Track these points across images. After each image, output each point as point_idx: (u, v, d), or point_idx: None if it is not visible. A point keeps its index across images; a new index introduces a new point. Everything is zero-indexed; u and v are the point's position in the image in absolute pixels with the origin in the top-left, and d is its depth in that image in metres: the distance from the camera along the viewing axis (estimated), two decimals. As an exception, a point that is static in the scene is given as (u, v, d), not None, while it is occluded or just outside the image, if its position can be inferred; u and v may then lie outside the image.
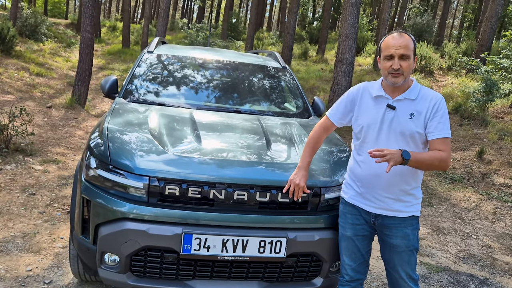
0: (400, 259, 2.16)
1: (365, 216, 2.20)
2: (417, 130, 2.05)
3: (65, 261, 3.15)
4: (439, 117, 2.04)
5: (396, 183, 2.09)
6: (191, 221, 2.19)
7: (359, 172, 2.18)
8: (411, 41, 2.04)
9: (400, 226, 2.13)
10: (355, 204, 2.22)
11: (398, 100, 2.10)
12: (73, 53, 15.97)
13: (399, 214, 2.12)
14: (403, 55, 2.02)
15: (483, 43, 13.58)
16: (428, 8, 32.11)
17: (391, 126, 2.08)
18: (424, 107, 2.06)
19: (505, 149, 6.82)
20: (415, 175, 2.13)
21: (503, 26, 23.42)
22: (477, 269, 3.81)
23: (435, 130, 2.03)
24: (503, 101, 9.22)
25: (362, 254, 2.25)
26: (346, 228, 2.25)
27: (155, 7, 38.31)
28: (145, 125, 2.69)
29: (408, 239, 2.13)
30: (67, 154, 5.74)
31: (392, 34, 2.09)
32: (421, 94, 2.10)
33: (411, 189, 2.13)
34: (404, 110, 2.08)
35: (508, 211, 5.19)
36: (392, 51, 2.03)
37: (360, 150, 2.20)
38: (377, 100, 2.14)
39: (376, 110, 2.13)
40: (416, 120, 2.06)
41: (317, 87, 12.56)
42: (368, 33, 20.30)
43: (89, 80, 8.54)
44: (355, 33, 8.83)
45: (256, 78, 3.93)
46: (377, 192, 2.13)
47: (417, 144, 2.08)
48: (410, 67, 2.04)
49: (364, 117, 2.17)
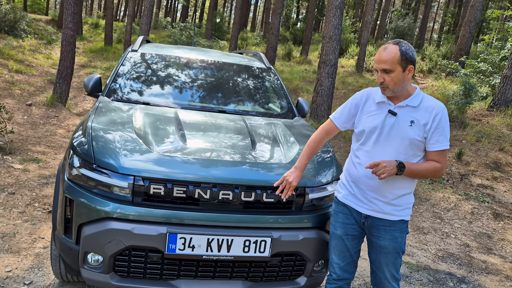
0: (386, 260, 2.20)
1: (355, 216, 2.23)
2: (416, 138, 2.07)
3: (46, 262, 3.10)
4: (441, 129, 2.07)
5: (389, 187, 2.12)
6: (176, 221, 2.19)
7: (354, 173, 2.21)
8: (398, 53, 2.02)
9: (389, 229, 2.16)
10: (347, 204, 2.25)
11: (400, 107, 2.12)
12: (54, 50, 15.67)
13: (389, 217, 2.16)
14: (385, 70, 2.04)
15: (462, 47, 13.91)
16: (409, 12, 32.65)
17: (391, 131, 2.11)
18: (425, 116, 2.08)
19: (482, 150, 7.00)
20: (409, 182, 2.16)
21: (481, 31, 24.00)
22: (456, 268, 3.90)
23: (436, 142, 2.07)
24: (481, 103, 9.45)
25: (350, 254, 2.28)
26: (336, 226, 2.29)
27: (139, 5, 37.90)
28: (129, 124, 2.67)
29: (396, 241, 2.17)
30: (48, 153, 5.64)
31: (382, 46, 2.10)
32: (423, 102, 2.11)
33: (403, 195, 2.16)
34: (405, 117, 2.10)
35: (485, 211, 5.33)
36: (375, 66, 2.09)
37: (358, 152, 2.22)
38: (380, 106, 2.17)
39: (377, 115, 2.16)
40: (416, 128, 2.08)
41: (301, 87, 12.64)
42: (351, 35, 20.52)
43: (71, 78, 8.40)
44: (338, 35, 8.92)
45: (241, 78, 3.95)
46: (369, 193, 2.16)
47: (415, 151, 2.11)
48: (394, 80, 2.04)
49: (366, 121, 2.19)
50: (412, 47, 2.12)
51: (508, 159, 6.72)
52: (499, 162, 6.60)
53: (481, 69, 10.49)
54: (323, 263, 2.50)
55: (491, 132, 7.69)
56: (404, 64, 2.03)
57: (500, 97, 8.71)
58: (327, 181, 2.51)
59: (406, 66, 2.04)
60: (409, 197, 2.20)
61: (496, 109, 8.66)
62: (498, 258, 4.21)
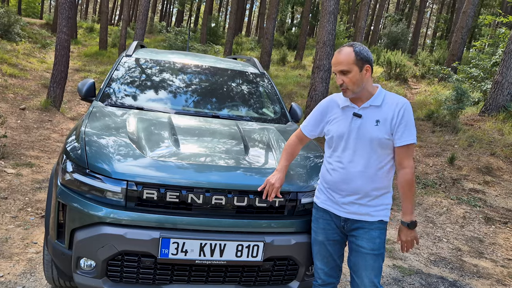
0: (364, 262, 2.17)
1: (335, 221, 2.24)
2: (384, 136, 2.09)
3: (38, 267, 3.09)
4: (404, 123, 2.08)
5: (364, 188, 2.14)
6: (169, 226, 2.20)
7: (329, 179, 2.24)
8: (353, 53, 2.07)
9: (368, 229, 2.17)
10: (326, 209, 2.27)
11: (364, 108, 2.14)
12: (48, 54, 15.63)
13: (367, 218, 2.17)
14: (342, 71, 2.08)
15: (454, 53, 14.06)
16: (403, 17, 32.93)
17: (359, 134, 2.13)
18: (389, 113, 2.10)
19: (474, 155, 7.07)
20: (385, 181, 2.17)
21: (473, 37, 24.26)
22: (447, 272, 3.94)
23: (401, 137, 2.08)
24: (472, 109, 9.55)
25: (334, 259, 2.30)
26: (318, 232, 2.30)
27: (133, 9, 37.91)
28: (123, 129, 2.69)
29: (374, 242, 2.17)
30: (42, 157, 5.62)
31: (337, 50, 2.15)
32: (385, 100, 2.13)
33: (381, 195, 2.17)
34: (370, 118, 2.12)
35: (477, 215, 5.38)
36: (333, 69, 2.13)
37: (330, 159, 2.25)
38: (344, 110, 2.20)
39: (343, 120, 2.18)
40: (382, 127, 2.10)
41: (295, 92, 12.69)
42: (345, 40, 20.68)
43: (65, 82, 8.39)
44: (332, 40, 8.98)
45: (235, 83, 3.97)
46: (346, 198, 2.18)
47: (384, 150, 2.13)
48: (352, 81, 2.08)
49: (334, 127, 2.22)
50: (367, 48, 2.15)
51: (499, 163, 6.79)
52: (490, 167, 6.67)
53: (473, 74, 10.61)
54: (316, 268, 2.51)
55: (482, 137, 7.77)
56: (360, 64, 2.07)
57: (491, 102, 8.80)
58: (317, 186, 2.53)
59: (362, 66, 2.08)
60: (386, 197, 2.20)
61: (488, 114, 8.75)
62: (489, 262, 4.25)
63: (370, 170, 2.13)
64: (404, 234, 2.18)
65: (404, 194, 2.15)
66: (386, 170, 2.16)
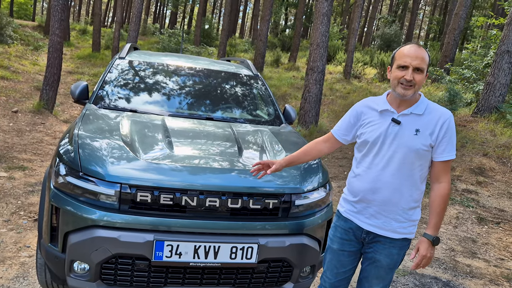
0: (377, 273, 2.09)
1: (356, 232, 2.11)
2: (422, 147, 1.95)
3: (31, 271, 3.07)
4: (448, 138, 1.96)
5: (393, 200, 2.00)
6: (163, 228, 2.20)
7: (357, 186, 2.09)
8: (427, 55, 1.96)
9: (389, 245, 2.05)
10: (349, 218, 2.14)
11: (404, 115, 1.99)
12: (40, 56, 15.53)
13: (391, 234, 2.03)
14: (418, 68, 1.92)
15: (447, 54, 14.17)
16: (396, 19, 33.14)
17: (395, 141, 1.98)
18: (431, 124, 1.96)
19: (467, 156, 7.12)
20: (416, 194, 2.03)
21: (465, 38, 24.46)
22: (441, 272, 3.96)
23: (443, 152, 1.96)
24: (465, 110, 9.63)
25: (344, 271, 2.17)
26: (334, 241, 2.19)
27: (127, 11, 37.80)
28: (116, 132, 2.68)
29: (392, 258, 2.06)
30: (34, 161, 5.59)
31: (409, 44, 1.99)
32: (428, 109, 1.99)
33: (409, 209, 2.03)
34: (410, 125, 1.98)
35: (470, 216, 5.42)
36: (408, 61, 1.93)
37: (360, 164, 2.11)
38: (382, 115, 2.04)
39: (380, 125, 2.03)
40: (421, 136, 1.95)
41: (289, 94, 12.72)
42: (338, 42, 20.76)
43: (58, 84, 8.34)
44: (326, 42, 9.02)
45: (228, 85, 3.97)
46: (372, 208, 2.04)
47: (420, 161, 1.99)
48: (422, 81, 1.95)
49: (368, 130, 2.07)
50: None
51: (492, 164, 6.85)
52: (483, 167, 6.73)
53: (465, 76, 10.70)
54: (310, 269, 2.52)
55: (475, 137, 7.83)
56: (427, 68, 1.98)
57: (483, 103, 8.88)
58: (313, 188, 2.54)
59: (427, 70, 1.99)
60: (416, 213, 2.06)
61: (480, 115, 8.83)
62: (482, 262, 4.28)
63: (402, 180, 1.99)
64: (425, 248, 1.98)
65: (435, 209, 1.99)
66: (418, 183, 2.02)
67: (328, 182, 2.71)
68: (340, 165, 7.11)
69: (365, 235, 2.09)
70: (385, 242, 2.05)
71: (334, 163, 7.25)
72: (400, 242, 2.05)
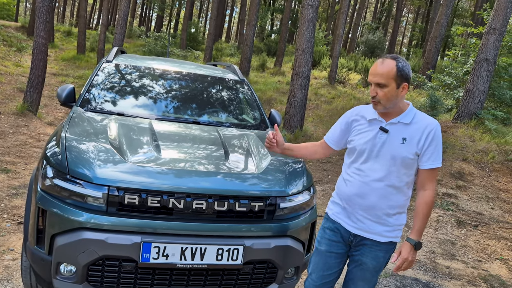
0: (363, 276, 2.15)
1: (343, 234, 2.17)
2: (408, 156, 2.01)
3: (15, 274, 3.05)
4: (433, 147, 2.01)
5: (379, 206, 2.07)
6: (150, 230, 2.23)
7: (344, 191, 2.17)
8: (395, 68, 1.96)
9: (375, 249, 2.11)
10: (336, 221, 2.20)
11: (392, 124, 2.05)
12: (23, 57, 15.31)
13: (378, 237, 2.10)
14: (379, 84, 1.98)
15: (429, 61, 14.49)
16: (379, 26, 33.69)
17: (382, 149, 2.05)
18: (418, 133, 2.01)
19: (447, 161, 7.30)
20: (402, 200, 2.09)
21: (447, 46, 25.01)
22: (421, 273, 4.07)
23: (428, 160, 2.01)
24: (446, 115, 9.85)
25: (329, 273, 2.22)
26: (321, 243, 2.24)
27: (112, 13, 37.52)
28: (104, 135, 2.70)
29: (378, 261, 2.12)
30: (18, 163, 5.53)
31: (379, 59, 2.04)
32: (416, 119, 2.05)
33: (395, 214, 2.10)
34: (397, 134, 2.03)
35: (449, 219, 5.57)
36: (370, 78, 2.02)
37: (349, 170, 2.17)
38: (371, 123, 2.11)
39: (369, 133, 2.10)
40: (408, 145, 2.01)
41: (275, 98, 12.81)
42: (323, 47, 20.99)
43: (42, 86, 8.25)
44: (311, 48, 9.15)
45: (215, 90, 4.02)
46: (359, 212, 2.11)
47: (407, 170, 2.05)
48: (387, 96, 1.98)
49: (357, 138, 2.14)
50: (409, 65, 2.04)
51: (471, 169, 7.04)
52: (462, 172, 6.91)
53: (446, 82, 10.95)
54: (294, 271, 2.58)
55: (455, 143, 8.03)
56: (399, 81, 1.98)
57: (463, 109, 9.11)
58: (298, 191, 2.61)
59: (401, 83, 1.99)
60: (401, 218, 2.12)
61: (460, 121, 9.05)
62: (461, 263, 4.41)
63: (388, 187, 2.05)
64: (407, 252, 2.03)
65: (420, 214, 2.05)
66: (404, 189, 2.08)
67: (312, 185, 2.78)
68: (324, 169, 7.21)
69: (352, 238, 2.15)
70: (371, 245, 2.11)
71: (318, 167, 7.35)
72: (386, 245, 2.11)
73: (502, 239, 5.09)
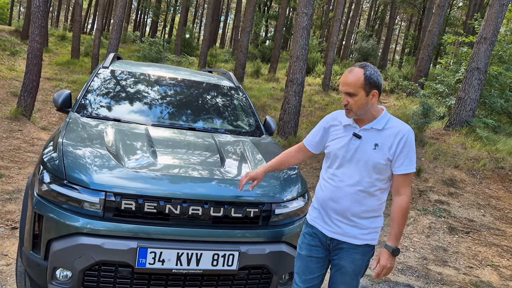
0: (343, 280, 2.18)
1: (321, 238, 2.21)
2: (380, 161, 2.05)
3: (9, 279, 3.04)
4: (406, 152, 2.04)
5: (353, 210, 2.10)
6: (146, 236, 2.25)
7: (320, 196, 2.22)
8: (362, 77, 2.01)
9: (352, 251, 2.14)
10: (314, 226, 2.25)
11: (365, 130, 2.10)
12: (17, 61, 15.25)
13: (353, 240, 2.13)
14: (348, 93, 2.03)
15: (421, 69, 14.66)
16: (373, 34, 34.01)
17: (355, 155, 2.09)
18: (390, 139, 2.05)
19: (439, 168, 7.39)
20: (376, 205, 2.13)
21: (439, 54, 25.30)
22: (414, 280, 4.11)
23: (401, 165, 2.05)
24: (438, 123, 9.96)
25: (313, 278, 2.25)
26: (302, 247, 2.28)
27: (107, 18, 37.50)
28: (101, 140, 2.72)
29: (356, 264, 2.15)
30: (12, 168, 5.51)
31: (348, 69, 2.09)
32: (388, 125, 2.09)
33: (370, 218, 2.13)
34: (369, 140, 2.08)
35: (441, 226, 5.63)
36: (340, 87, 2.08)
37: (325, 175, 2.22)
38: (346, 129, 2.16)
39: (343, 138, 2.14)
40: (379, 151, 2.05)
41: (269, 105, 12.87)
42: (318, 54, 21.12)
43: (37, 91, 8.23)
44: (305, 55, 9.23)
45: (210, 96, 4.06)
46: (334, 216, 2.15)
47: (380, 175, 2.08)
48: (357, 104, 2.03)
49: (332, 143, 2.19)
50: (378, 72, 2.08)
51: (463, 176, 7.13)
52: (454, 179, 6.99)
53: (439, 90, 11.09)
54: (288, 276, 2.61)
55: (447, 150, 8.12)
56: (368, 89, 2.02)
57: (455, 117, 9.23)
58: (293, 197, 2.64)
59: (370, 91, 2.02)
60: (376, 221, 2.16)
61: (452, 129, 9.16)
62: (453, 270, 4.46)
63: (361, 192, 2.09)
64: (386, 259, 2.07)
65: (396, 220, 2.08)
66: (377, 195, 2.12)
67: (306, 192, 2.82)
68: (318, 176, 7.25)
69: (329, 242, 2.19)
70: (348, 249, 2.15)
71: (312, 173, 7.39)
72: (362, 248, 2.15)
73: (493, 246, 5.15)
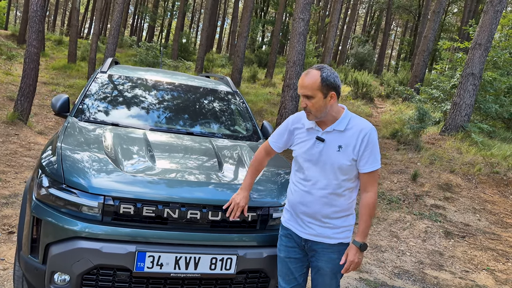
0: (322, 281, 2.20)
1: (296, 239, 2.26)
2: (345, 163, 2.06)
3: (6, 284, 3.04)
4: (369, 151, 2.06)
5: (323, 212, 2.14)
6: (144, 240, 2.26)
7: (291, 199, 2.27)
8: (319, 79, 2.01)
9: (327, 251, 2.17)
10: (288, 228, 2.30)
11: (327, 132, 2.11)
12: (14, 66, 15.23)
13: (326, 240, 2.16)
14: (306, 95, 2.04)
15: (417, 74, 14.77)
16: (369, 39, 34.22)
17: (321, 158, 2.10)
18: (353, 140, 2.07)
19: (435, 172, 7.43)
20: (345, 204, 2.16)
21: (434, 59, 25.50)
22: (410, 284, 4.13)
23: (366, 164, 2.07)
24: (434, 128, 10.03)
25: (295, 277, 2.29)
26: (281, 250, 2.33)
27: (103, 22, 37.55)
28: (99, 145, 2.74)
29: (333, 263, 2.17)
30: (8, 172, 5.50)
31: (305, 71, 2.09)
32: (350, 125, 2.10)
33: (341, 217, 2.17)
34: (333, 142, 2.09)
35: (437, 230, 5.66)
36: (298, 90, 2.09)
37: (294, 178, 2.27)
38: (309, 132, 2.18)
39: (307, 142, 2.16)
40: (343, 152, 2.07)
41: (265, 110, 12.91)
42: (314, 59, 21.26)
43: (33, 95, 8.22)
44: (302, 60, 9.29)
45: (208, 101, 4.08)
46: (305, 218, 2.19)
47: (347, 176, 2.11)
48: (315, 106, 2.04)
49: (297, 148, 2.22)
50: (335, 73, 2.06)
51: (458, 180, 7.18)
52: (450, 184, 7.04)
53: (434, 95, 11.18)
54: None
55: (443, 155, 8.18)
56: (325, 91, 2.02)
57: (451, 122, 9.30)
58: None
59: (327, 93, 2.03)
60: (348, 219, 2.19)
61: (448, 134, 9.23)
62: (449, 274, 4.49)
63: (329, 195, 2.12)
64: (353, 254, 2.11)
65: (363, 216, 2.13)
66: (346, 194, 2.15)
67: (303, 196, 2.83)
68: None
69: (304, 243, 2.23)
70: (323, 249, 2.18)
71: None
72: (337, 247, 2.17)
73: (489, 250, 5.19)
